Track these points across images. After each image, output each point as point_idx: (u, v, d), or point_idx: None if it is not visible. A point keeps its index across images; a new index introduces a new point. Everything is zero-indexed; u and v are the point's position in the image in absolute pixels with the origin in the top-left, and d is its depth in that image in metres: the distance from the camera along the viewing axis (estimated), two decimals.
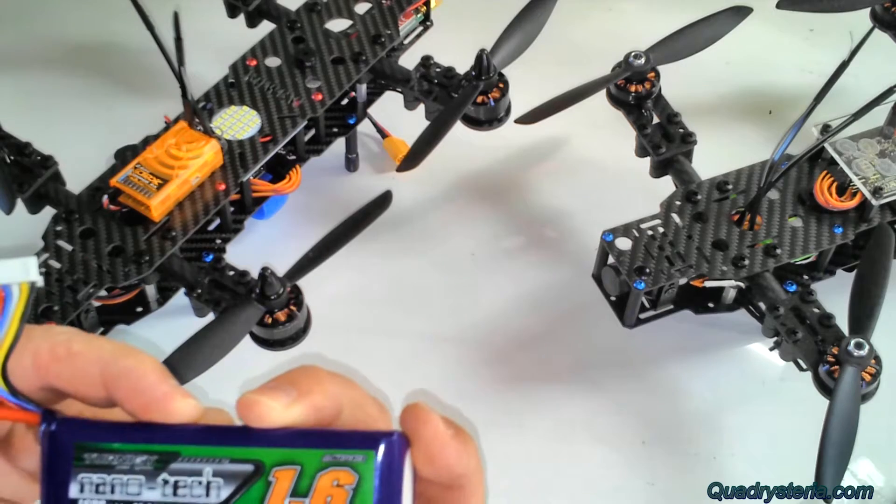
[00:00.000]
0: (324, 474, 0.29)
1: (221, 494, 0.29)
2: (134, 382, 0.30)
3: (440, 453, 0.30)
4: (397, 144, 0.82)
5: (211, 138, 0.68)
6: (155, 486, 0.30)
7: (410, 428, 0.30)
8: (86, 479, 0.30)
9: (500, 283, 0.77)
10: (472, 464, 0.31)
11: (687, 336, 0.74)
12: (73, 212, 0.67)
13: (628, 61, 0.74)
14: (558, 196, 0.82)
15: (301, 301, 0.64)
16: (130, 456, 0.30)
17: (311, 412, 0.30)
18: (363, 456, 0.29)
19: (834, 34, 0.68)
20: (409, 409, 0.30)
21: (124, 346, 0.31)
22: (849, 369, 0.61)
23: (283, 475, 0.29)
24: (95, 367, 0.30)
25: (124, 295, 0.69)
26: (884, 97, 0.64)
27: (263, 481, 0.29)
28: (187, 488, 0.29)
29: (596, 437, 0.70)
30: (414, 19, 0.80)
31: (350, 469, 0.29)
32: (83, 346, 0.30)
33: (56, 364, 0.30)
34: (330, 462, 0.29)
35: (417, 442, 0.30)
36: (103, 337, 0.32)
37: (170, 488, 0.29)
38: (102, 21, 0.92)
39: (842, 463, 0.59)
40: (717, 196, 0.70)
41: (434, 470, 0.30)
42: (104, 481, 0.30)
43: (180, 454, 0.30)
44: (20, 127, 0.72)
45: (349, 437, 0.30)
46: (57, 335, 0.31)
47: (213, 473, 0.29)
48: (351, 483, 0.29)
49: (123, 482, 0.30)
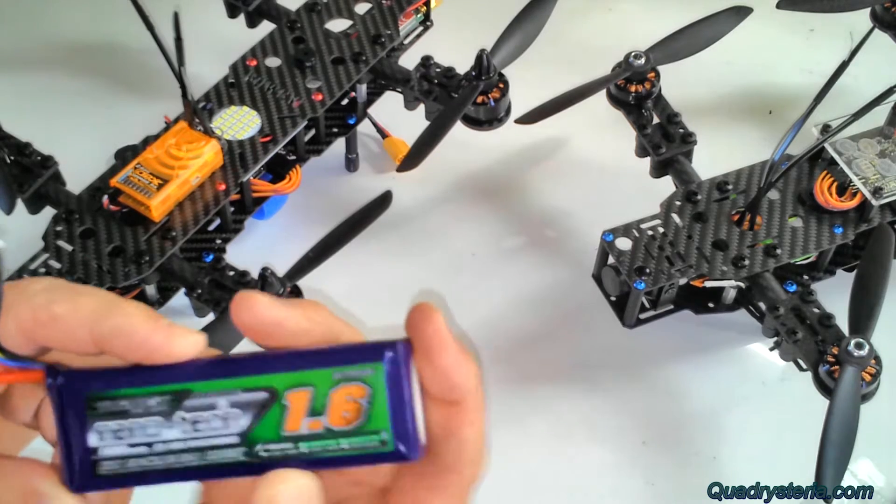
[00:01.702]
0: (336, 391, 0.30)
1: (241, 424, 0.30)
2: (127, 339, 0.29)
3: (439, 352, 0.30)
4: (397, 144, 0.82)
5: (211, 138, 0.68)
6: (173, 425, 0.30)
7: (413, 325, 0.30)
8: (103, 427, 0.30)
9: (501, 283, 0.77)
10: (472, 381, 0.30)
11: (687, 336, 0.74)
12: (73, 212, 0.67)
13: (628, 61, 0.74)
14: (558, 196, 0.82)
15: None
16: (143, 399, 0.30)
17: (298, 312, 0.30)
18: (371, 369, 0.30)
19: (834, 34, 0.69)
20: (416, 307, 0.30)
21: (107, 300, 0.30)
22: (849, 369, 0.61)
23: (297, 397, 0.30)
24: (83, 329, 0.29)
25: (124, 295, 0.69)
26: (884, 97, 0.65)
27: (279, 406, 0.30)
28: (206, 422, 0.30)
29: (596, 437, 0.70)
30: (414, 19, 0.80)
31: (361, 383, 0.30)
32: (65, 307, 0.30)
33: (41, 329, 0.30)
34: (340, 379, 0.30)
35: (419, 338, 0.30)
36: (84, 288, 0.31)
37: (188, 424, 0.30)
38: (103, 21, 0.92)
39: (842, 463, 0.59)
40: (717, 196, 0.70)
41: (432, 372, 0.30)
42: (122, 427, 0.30)
43: (192, 391, 0.30)
44: (20, 127, 0.72)
45: (355, 352, 0.30)
46: (34, 296, 0.30)
47: (229, 405, 0.30)
48: (364, 396, 0.30)
49: (141, 425, 0.30)
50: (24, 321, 0.30)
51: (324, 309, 0.31)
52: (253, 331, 0.30)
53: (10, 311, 0.30)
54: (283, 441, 0.30)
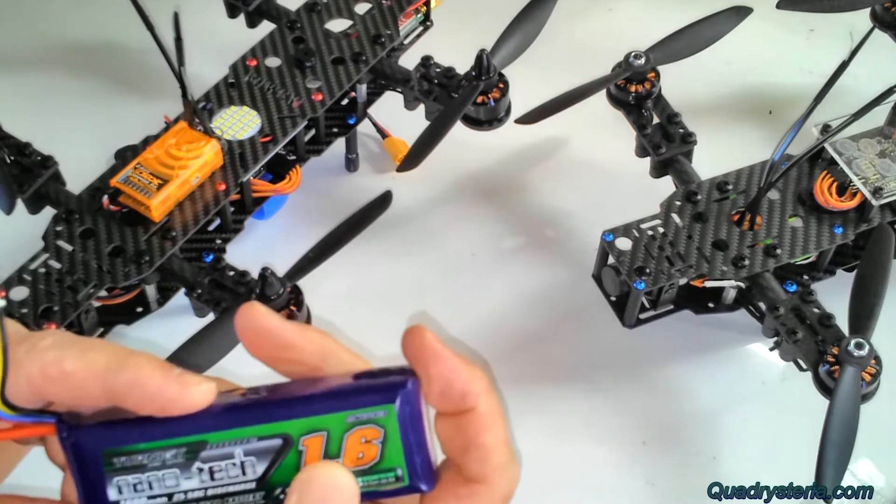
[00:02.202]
0: (350, 434, 0.30)
1: (257, 471, 0.30)
2: (140, 393, 0.29)
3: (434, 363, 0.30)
4: (397, 144, 0.82)
5: (211, 138, 0.68)
6: (191, 476, 0.30)
7: (407, 347, 0.31)
8: (122, 482, 0.30)
9: (501, 283, 0.77)
10: (478, 386, 0.31)
11: (687, 336, 0.74)
12: (73, 212, 0.67)
13: (628, 61, 0.74)
14: (558, 196, 0.82)
15: (301, 301, 0.64)
16: (159, 453, 0.30)
17: (292, 326, 0.31)
18: (384, 411, 0.30)
19: (834, 34, 0.69)
20: (406, 331, 0.31)
21: (118, 355, 0.30)
22: (849, 369, 0.61)
23: (312, 442, 0.30)
24: (94, 385, 0.30)
25: (124, 295, 0.69)
26: (884, 97, 0.65)
27: (294, 451, 0.30)
28: (223, 472, 0.30)
29: (596, 436, 0.70)
30: (414, 19, 0.80)
31: (374, 425, 0.30)
32: (75, 364, 0.30)
33: (51, 385, 0.30)
34: (354, 422, 0.30)
35: (414, 358, 0.31)
36: (93, 344, 0.31)
37: (206, 475, 0.30)
38: (103, 21, 0.92)
39: (842, 463, 0.59)
40: (717, 196, 0.70)
41: (435, 385, 0.30)
42: (140, 480, 0.30)
43: (207, 442, 0.30)
44: (20, 127, 0.72)
45: (366, 394, 0.30)
46: (44, 353, 0.30)
47: (245, 453, 0.30)
48: (378, 437, 0.30)
49: (159, 477, 0.30)
50: (34, 378, 0.30)
51: (322, 332, 0.32)
52: (248, 336, 0.31)
53: (19, 368, 0.30)
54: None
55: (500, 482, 0.31)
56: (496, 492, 0.31)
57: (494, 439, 0.31)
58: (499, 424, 0.31)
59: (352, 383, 0.31)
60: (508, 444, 0.31)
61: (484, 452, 0.31)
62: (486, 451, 0.31)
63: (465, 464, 0.31)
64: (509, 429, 0.31)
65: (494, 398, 0.31)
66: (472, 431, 0.31)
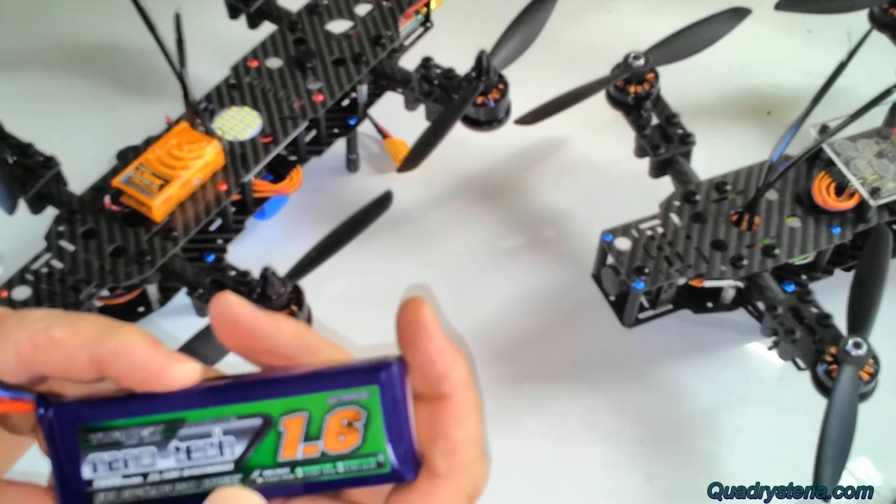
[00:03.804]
0: (332, 416, 0.30)
1: (235, 451, 0.30)
2: (126, 361, 0.29)
3: (422, 338, 0.30)
4: (398, 145, 0.82)
5: (212, 139, 0.69)
6: (168, 455, 0.30)
7: (401, 316, 0.30)
8: (97, 459, 0.30)
9: (500, 283, 0.78)
10: (458, 373, 0.30)
11: (686, 336, 0.74)
12: (75, 212, 0.68)
13: (627, 62, 0.74)
14: (558, 196, 0.82)
15: (302, 301, 0.65)
16: (136, 430, 0.30)
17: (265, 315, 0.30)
18: (367, 392, 0.29)
19: (832, 35, 0.69)
20: (404, 301, 0.30)
21: (106, 324, 0.30)
22: (847, 369, 0.61)
23: (292, 423, 0.30)
24: (82, 353, 0.29)
25: (126, 295, 0.69)
26: (882, 98, 0.65)
27: (274, 432, 0.30)
28: (201, 451, 0.30)
29: (595, 436, 0.70)
30: (414, 20, 0.80)
31: (357, 406, 0.30)
32: (64, 331, 0.29)
33: (40, 354, 0.29)
34: (335, 403, 0.30)
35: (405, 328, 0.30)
36: (82, 315, 0.31)
37: (183, 454, 0.30)
38: (104, 22, 0.92)
39: (840, 462, 0.59)
40: (716, 196, 0.70)
41: (417, 361, 0.30)
42: (115, 458, 0.30)
43: (186, 420, 0.30)
44: (22, 128, 0.72)
45: (349, 375, 0.30)
46: (33, 323, 0.30)
47: (223, 432, 0.30)
48: (360, 419, 0.30)
49: (135, 455, 0.30)
50: (23, 347, 0.29)
51: (297, 322, 0.31)
52: (221, 325, 0.30)
53: (8, 337, 0.29)
54: (280, 466, 0.30)
55: (464, 479, 0.30)
56: (460, 488, 0.30)
57: (465, 434, 0.30)
58: (472, 420, 0.30)
59: (336, 366, 0.30)
60: (480, 442, 0.31)
61: (452, 446, 0.30)
62: (455, 445, 0.30)
63: (432, 455, 0.30)
64: (483, 428, 0.31)
65: (472, 394, 0.30)
66: (444, 422, 0.30)
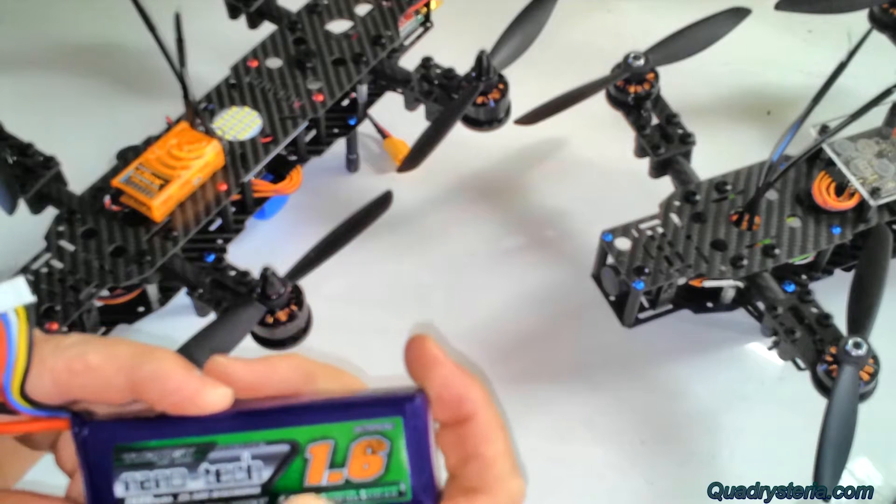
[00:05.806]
0: (357, 444, 0.31)
1: (263, 475, 0.31)
2: (161, 385, 0.30)
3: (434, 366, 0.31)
4: (398, 145, 0.82)
5: (212, 139, 0.68)
6: (198, 476, 0.31)
7: (408, 353, 0.31)
8: (129, 478, 0.31)
9: (500, 283, 0.78)
10: (477, 393, 0.31)
11: (686, 336, 0.74)
12: (75, 212, 0.68)
13: (627, 62, 0.74)
14: (558, 196, 0.82)
15: (302, 301, 0.65)
16: (168, 451, 0.31)
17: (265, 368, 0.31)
18: (391, 423, 0.31)
19: (832, 35, 0.69)
20: (410, 339, 0.31)
21: (141, 349, 0.31)
22: (847, 369, 0.61)
23: (319, 450, 0.31)
24: (119, 377, 0.30)
25: (126, 295, 0.69)
26: (882, 98, 0.65)
27: (301, 458, 0.31)
28: (230, 474, 0.31)
29: (595, 436, 0.70)
30: (414, 20, 0.80)
31: (381, 437, 0.31)
32: (100, 357, 0.30)
33: (76, 379, 0.30)
34: (361, 433, 0.31)
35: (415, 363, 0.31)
36: (116, 340, 0.31)
37: (213, 476, 0.31)
38: (104, 22, 0.92)
39: (840, 462, 0.59)
40: (716, 196, 0.70)
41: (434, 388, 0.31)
42: (147, 478, 0.31)
43: (217, 443, 0.31)
44: (22, 128, 0.72)
45: (375, 405, 0.31)
46: (68, 349, 0.31)
47: (252, 457, 0.31)
48: (384, 449, 0.31)
49: (167, 476, 0.31)
50: (60, 373, 0.30)
51: (290, 356, 0.32)
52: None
53: (45, 364, 0.30)
54: (305, 492, 0.31)
55: (501, 493, 0.31)
56: (497, 502, 0.31)
57: (495, 450, 0.31)
58: (499, 436, 0.31)
59: (362, 395, 0.31)
60: (511, 456, 0.31)
61: (484, 463, 0.31)
62: (486, 462, 0.31)
63: (466, 475, 0.31)
64: (511, 442, 0.32)
65: (494, 411, 0.31)
66: (472, 443, 0.31)
